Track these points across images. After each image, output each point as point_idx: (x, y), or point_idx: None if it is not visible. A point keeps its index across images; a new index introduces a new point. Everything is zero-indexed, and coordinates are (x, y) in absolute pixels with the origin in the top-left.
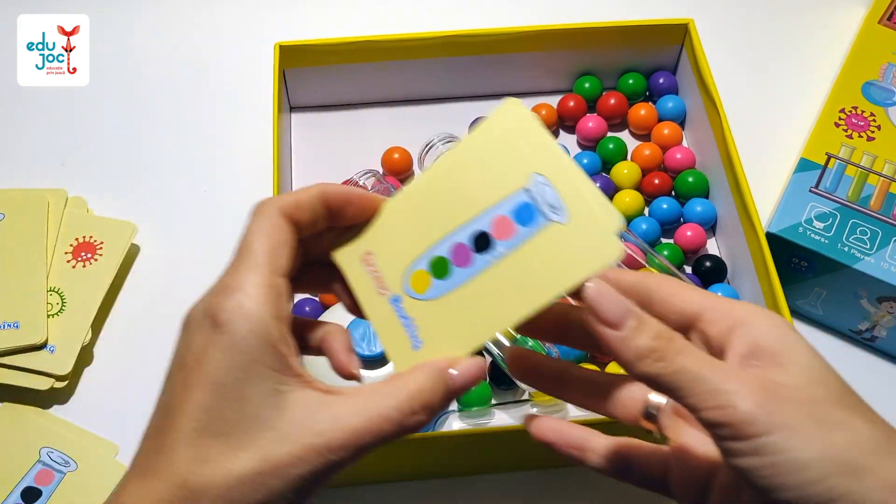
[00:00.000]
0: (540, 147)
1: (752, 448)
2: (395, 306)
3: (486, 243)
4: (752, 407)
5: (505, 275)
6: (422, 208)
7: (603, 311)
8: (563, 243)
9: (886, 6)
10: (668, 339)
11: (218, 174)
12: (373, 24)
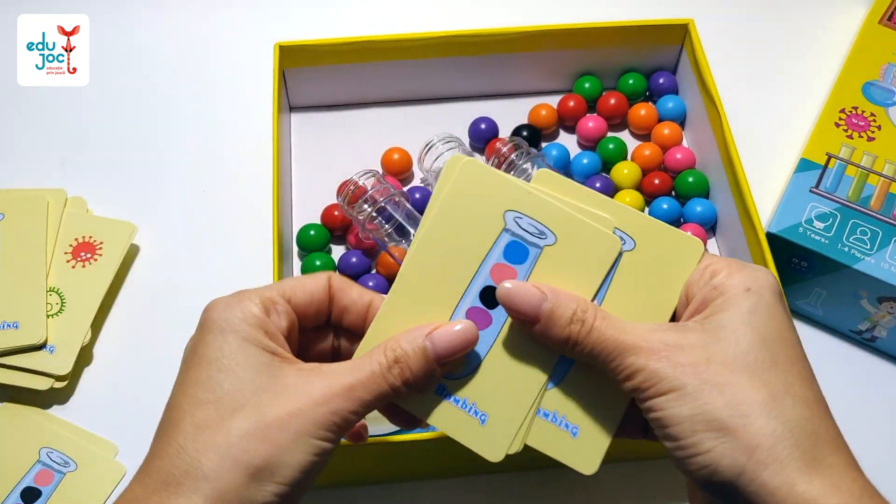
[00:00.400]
0: (501, 188)
1: (647, 407)
2: (443, 396)
3: (494, 296)
4: (647, 375)
5: None
6: (421, 292)
7: (518, 309)
8: (564, 260)
9: (886, 6)
10: (581, 318)
11: (218, 174)
12: (373, 24)
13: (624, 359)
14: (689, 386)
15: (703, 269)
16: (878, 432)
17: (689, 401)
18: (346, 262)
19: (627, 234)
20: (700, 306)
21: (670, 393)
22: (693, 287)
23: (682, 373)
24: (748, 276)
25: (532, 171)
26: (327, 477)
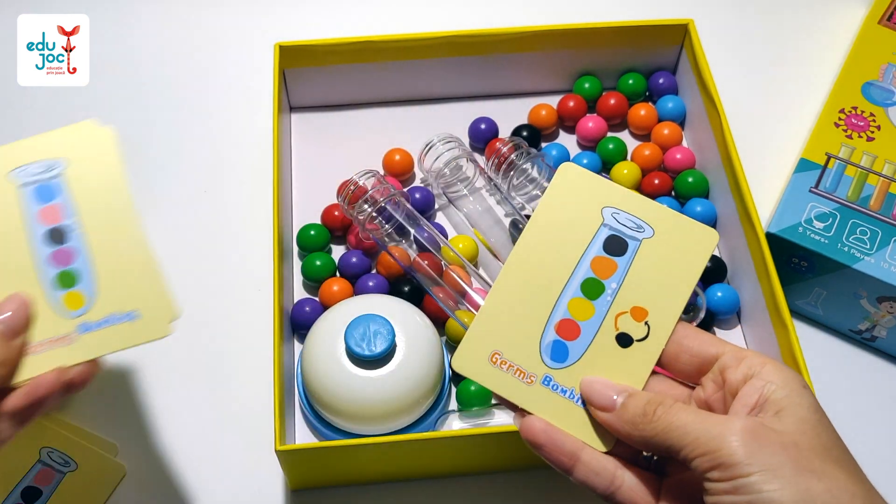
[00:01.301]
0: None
1: (732, 487)
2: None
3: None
4: (735, 449)
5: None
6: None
7: (596, 398)
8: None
9: (886, 6)
10: (657, 403)
11: (218, 174)
12: (373, 24)
13: (705, 432)
14: (786, 467)
15: (737, 358)
16: (878, 432)
17: (790, 484)
18: (346, 262)
19: (647, 223)
20: (759, 400)
21: (764, 472)
22: (729, 372)
23: (773, 452)
24: (797, 375)
25: (532, 172)
26: (327, 477)
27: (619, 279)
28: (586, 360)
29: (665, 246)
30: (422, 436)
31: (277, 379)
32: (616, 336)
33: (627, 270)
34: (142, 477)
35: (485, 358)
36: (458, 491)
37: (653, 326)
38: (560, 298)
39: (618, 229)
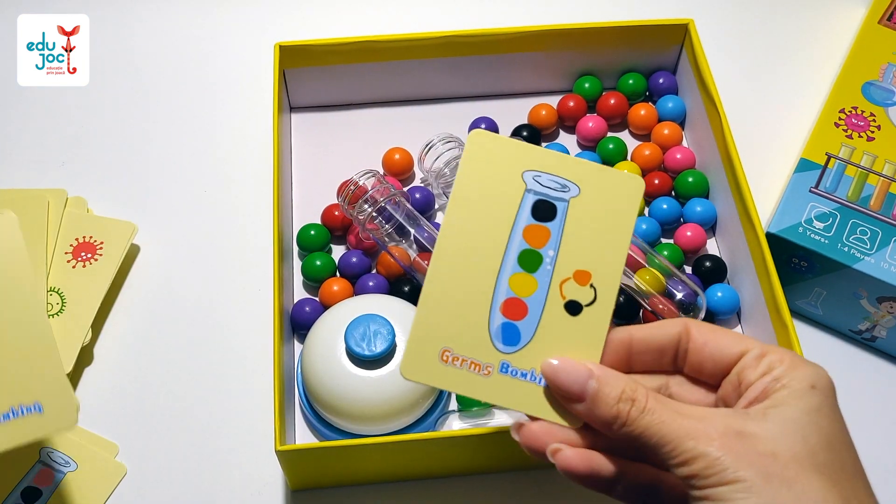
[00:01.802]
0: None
1: (704, 495)
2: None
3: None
4: (711, 460)
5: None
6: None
7: (562, 387)
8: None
9: (886, 6)
10: (631, 398)
11: (218, 174)
12: (373, 24)
13: (681, 443)
14: (756, 478)
15: (758, 356)
16: (878, 432)
17: (756, 494)
18: (346, 262)
19: (570, 181)
20: (760, 396)
21: (735, 484)
22: (747, 373)
23: (747, 463)
24: (812, 373)
25: None
26: (327, 477)
27: (555, 245)
28: (540, 337)
29: (594, 202)
30: (422, 436)
31: (277, 379)
32: (565, 305)
33: (562, 234)
34: (142, 477)
35: (434, 358)
36: (458, 491)
37: (599, 288)
38: (499, 278)
39: (543, 193)
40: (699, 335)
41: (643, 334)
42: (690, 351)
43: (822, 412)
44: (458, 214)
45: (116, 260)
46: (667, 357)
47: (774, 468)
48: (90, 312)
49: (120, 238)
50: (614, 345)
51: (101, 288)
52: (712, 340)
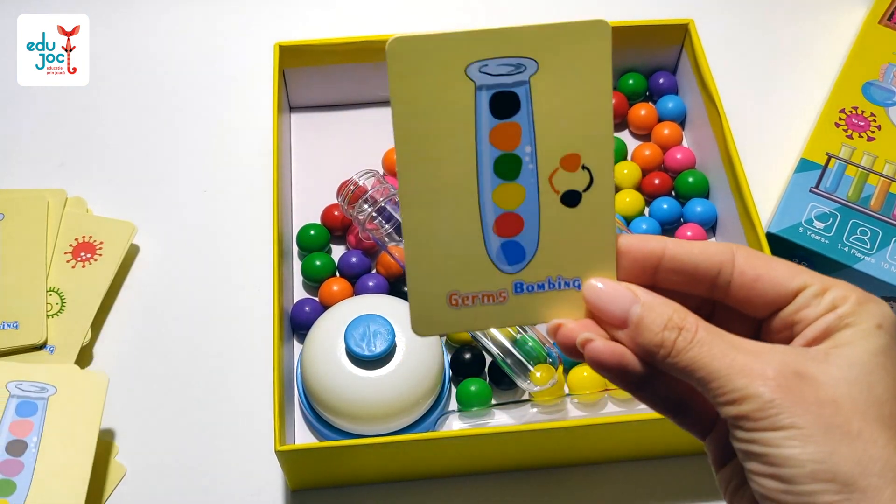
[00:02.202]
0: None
1: (752, 438)
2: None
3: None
4: (764, 402)
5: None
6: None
7: (605, 312)
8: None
9: (886, 7)
10: (679, 326)
11: (218, 174)
12: (373, 24)
13: (732, 380)
14: (814, 427)
15: (819, 292)
16: None
17: (813, 445)
18: (346, 262)
19: (524, 57)
20: (821, 335)
21: (789, 430)
22: (807, 311)
23: (804, 409)
24: (878, 311)
25: None
26: (327, 477)
27: (529, 139)
28: (545, 243)
29: (557, 69)
30: (422, 436)
31: (277, 379)
32: (561, 199)
33: (533, 124)
34: (142, 477)
35: (444, 306)
36: (458, 491)
37: (592, 166)
38: (481, 198)
39: (496, 83)
40: (750, 267)
41: (680, 251)
42: (736, 283)
43: (889, 355)
44: (409, 146)
45: (116, 260)
46: (703, 283)
47: (836, 419)
48: (90, 312)
49: (120, 238)
50: (642, 253)
51: (101, 288)
52: (766, 274)
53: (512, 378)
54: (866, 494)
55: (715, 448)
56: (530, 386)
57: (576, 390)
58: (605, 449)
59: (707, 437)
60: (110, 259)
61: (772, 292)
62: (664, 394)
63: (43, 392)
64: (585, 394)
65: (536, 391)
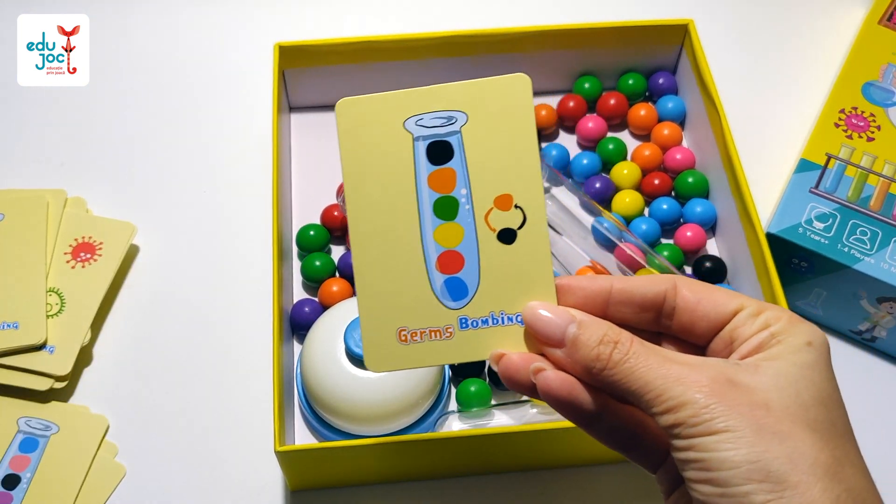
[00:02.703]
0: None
1: (688, 445)
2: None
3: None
4: (696, 411)
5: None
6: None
7: (542, 333)
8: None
9: (886, 7)
10: (613, 341)
11: (218, 174)
12: (373, 24)
13: (667, 388)
14: (747, 429)
15: (754, 313)
16: (878, 432)
17: (746, 445)
18: (345, 262)
19: (454, 110)
20: (754, 350)
21: (722, 433)
22: (743, 329)
23: (738, 413)
24: (809, 330)
25: None
26: (327, 477)
27: (464, 182)
28: (486, 279)
29: (486, 120)
30: (422, 436)
31: (277, 379)
32: (497, 237)
33: (467, 168)
34: (141, 477)
35: (394, 342)
36: (458, 491)
37: (525, 205)
38: (423, 238)
39: (431, 134)
40: (691, 293)
41: (625, 286)
42: (680, 309)
43: (816, 368)
44: (357, 193)
45: (116, 260)
46: (649, 313)
47: (767, 420)
48: (90, 312)
49: (119, 238)
50: (591, 290)
51: (101, 288)
52: (706, 298)
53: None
54: (798, 490)
55: (665, 479)
56: None
57: None
58: (605, 449)
59: (658, 470)
60: (110, 259)
61: (712, 314)
62: (614, 428)
63: (46, 430)
64: None
65: None
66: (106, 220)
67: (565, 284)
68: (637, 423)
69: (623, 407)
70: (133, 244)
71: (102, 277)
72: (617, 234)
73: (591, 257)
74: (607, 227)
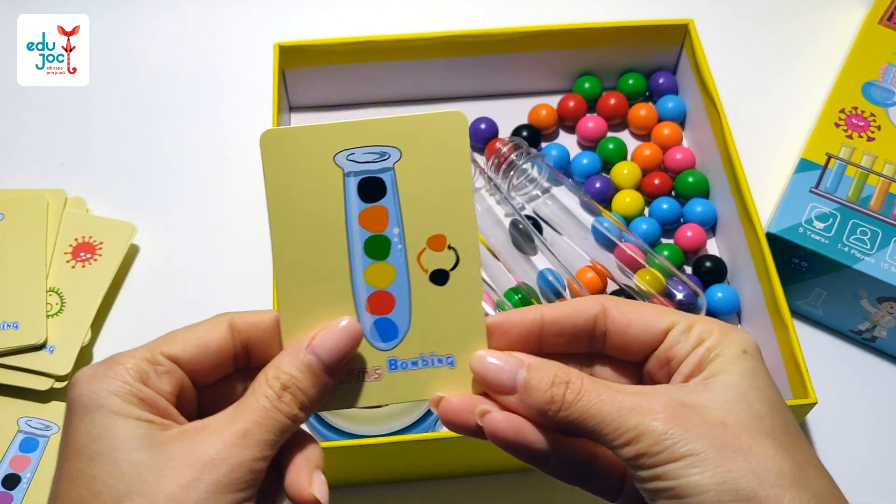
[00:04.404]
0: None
1: (655, 474)
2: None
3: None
4: (657, 436)
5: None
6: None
7: (493, 381)
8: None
9: (886, 7)
10: (564, 381)
11: (218, 174)
12: (373, 24)
13: (624, 421)
14: (709, 450)
15: (686, 329)
16: (879, 432)
17: (711, 467)
18: None
19: (387, 146)
20: (695, 369)
21: (687, 458)
22: (678, 348)
23: (697, 434)
24: (741, 339)
25: (532, 172)
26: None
27: (397, 221)
28: (417, 320)
29: (419, 156)
30: (422, 436)
31: None
32: (430, 278)
33: (400, 207)
34: None
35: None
36: (458, 491)
37: (458, 246)
38: (354, 277)
39: (363, 171)
40: (620, 315)
41: (556, 315)
42: (611, 332)
43: (758, 375)
44: (283, 230)
45: (116, 260)
46: (582, 339)
47: (726, 438)
48: (90, 312)
49: (119, 238)
50: (524, 326)
51: (101, 288)
52: (636, 319)
53: None
54: (767, 502)
55: None
56: None
57: None
58: None
59: (618, 498)
60: (110, 259)
61: (643, 334)
62: (567, 463)
63: (47, 430)
64: None
65: None
66: (106, 220)
67: (497, 323)
68: (588, 454)
69: (573, 441)
70: (133, 244)
71: (102, 277)
72: (617, 234)
73: (592, 257)
74: (607, 227)
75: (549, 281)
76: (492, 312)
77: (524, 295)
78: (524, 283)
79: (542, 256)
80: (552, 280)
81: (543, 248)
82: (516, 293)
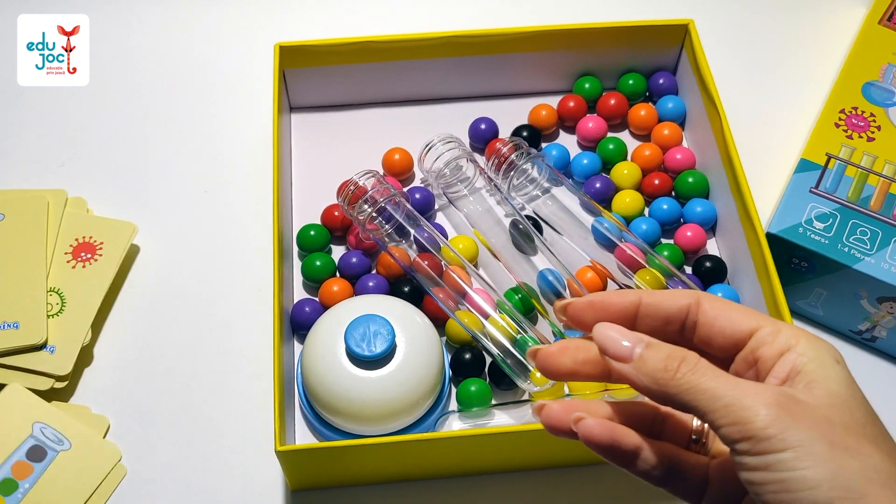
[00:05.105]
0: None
1: (764, 463)
2: None
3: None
4: (767, 423)
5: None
6: None
7: (610, 346)
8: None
9: (886, 6)
10: (681, 358)
11: (218, 174)
12: (373, 24)
13: (738, 398)
14: (820, 444)
15: (772, 333)
16: None
17: (823, 462)
18: (346, 263)
19: (67, 437)
20: (791, 372)
21: (798, 449)
22: (763, 350)
23: (808, 426)
24: (831, 348)
25: (532, 172)
26: (327, 477)
27: (32, 482)
28: None
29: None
30: (422, 436)
31: (277, 379)
32: None
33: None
34: (142, 477)
35: None
36: (458, 491)
37: None
38: None
39: (41, 441)
40: (710, 309)
41: (653, 300)
42: (700, 324)
43: (854, 385)
44: None
45: (116, 260)
46: (673, 326)
47: (836, 436)
48: (90, 313)
49: (120, 238)
50: (623, 305)
51: (101, 288)
52: (723, 315)
53: (512, 378)
54: (873, 501)
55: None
56: (530, 386)
57: (575, 390)
58: None
59: (701, 500)
60: (110, 259)
61: (728, 330)
62: (655, 462)
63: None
64: (585, 394)
65: (536, 391)
66: (106, 220)
67: (598, 301)
68: (673, 456)
69: (660, 444)
70: (133, 244)
71: (103, 277)
72: (617, 234)
73: (592, 257)
74: (607, 227)
75: (549, 281)
76: (492, 313)
77: (524, 295)
78: (524, 283)
79: (542, 256)
80: (552, 280)
81: (543, 248)
82: (516, 293)
